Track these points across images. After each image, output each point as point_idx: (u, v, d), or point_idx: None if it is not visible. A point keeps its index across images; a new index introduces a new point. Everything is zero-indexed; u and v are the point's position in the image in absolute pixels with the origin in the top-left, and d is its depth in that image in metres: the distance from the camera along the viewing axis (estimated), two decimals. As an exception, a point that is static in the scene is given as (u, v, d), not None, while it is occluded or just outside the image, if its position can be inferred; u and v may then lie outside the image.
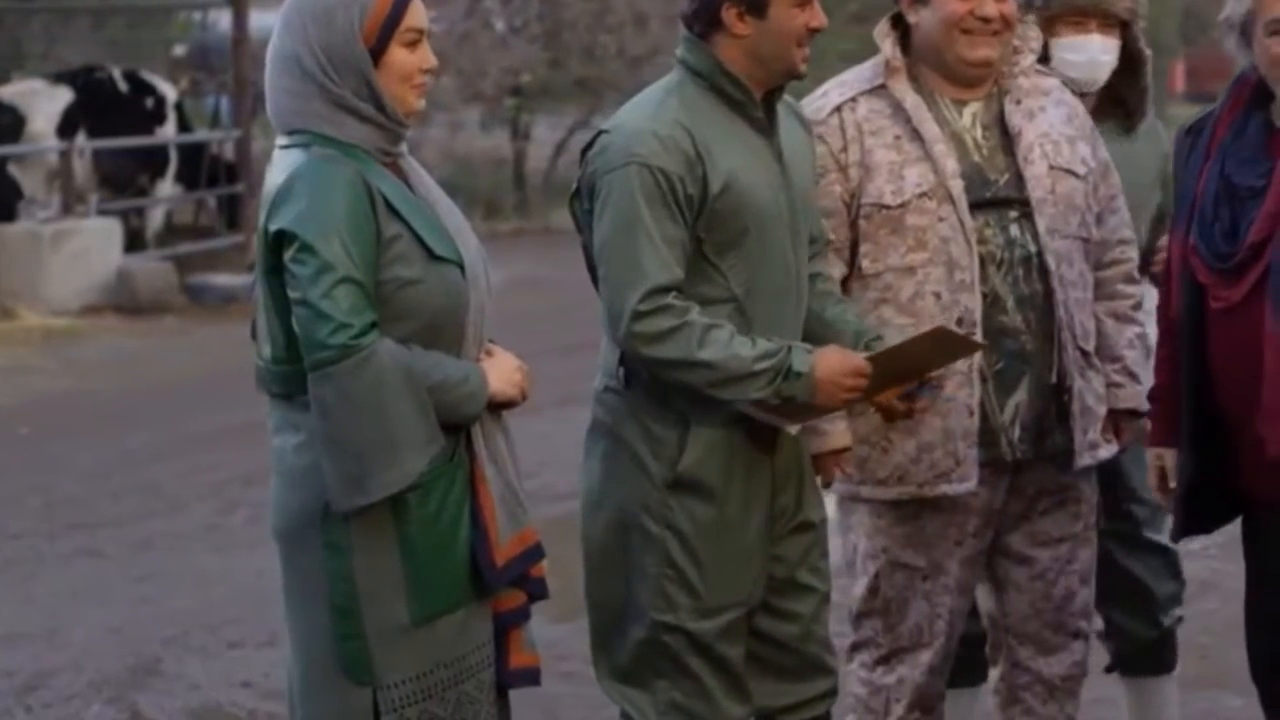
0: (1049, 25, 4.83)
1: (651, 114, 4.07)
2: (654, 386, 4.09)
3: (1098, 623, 4.98)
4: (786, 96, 4.23)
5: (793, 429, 4.16)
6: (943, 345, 4.14)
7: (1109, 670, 5.09)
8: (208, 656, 6.67)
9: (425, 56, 3.70)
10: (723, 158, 4.04)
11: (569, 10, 20.81)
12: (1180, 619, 5.05)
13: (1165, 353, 4.34)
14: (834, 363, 4.03)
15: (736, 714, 4.19)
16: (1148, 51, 4.90)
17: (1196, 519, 4.32)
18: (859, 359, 4.05)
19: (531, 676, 3.83)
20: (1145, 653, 5.02)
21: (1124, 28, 4.85)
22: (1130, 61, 4.87)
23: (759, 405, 4.07)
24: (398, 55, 3.66)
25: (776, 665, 4.24)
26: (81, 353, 13.06)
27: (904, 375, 4.15)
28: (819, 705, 4.28)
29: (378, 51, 3.64)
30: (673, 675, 4.15)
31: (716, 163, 4.03)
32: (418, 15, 3.68)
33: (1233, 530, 4.38)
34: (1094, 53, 4.82)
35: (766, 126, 4.13)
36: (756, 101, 4.12)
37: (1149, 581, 4.96)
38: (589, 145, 4.13)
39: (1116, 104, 4.89)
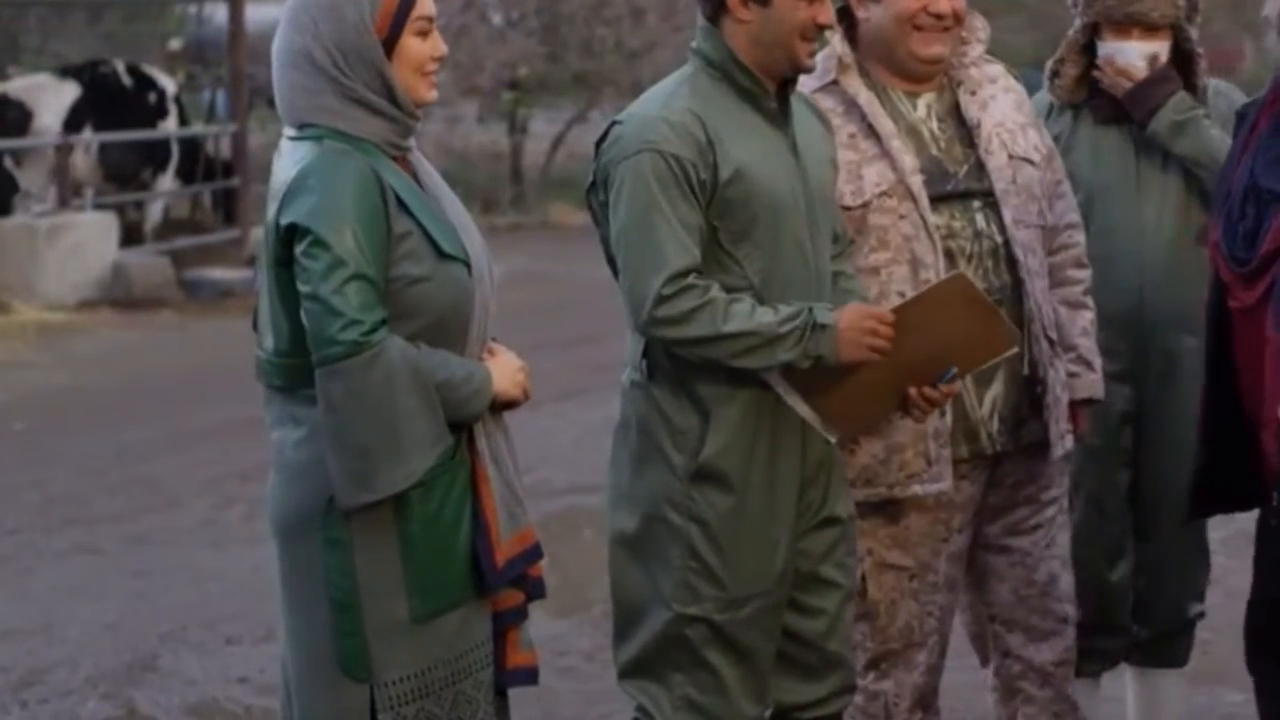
0: (1094, 26, 4.85)
1: (663, 103, 4.08)
2: (675, 378, 4.09)
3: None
4: (800, 90, 4.21)
5: (832, 436, 4.14)
6: (972, 316, 4.07)
7: (1125, 658, 5.07)
8: (204, 652, 6.65)
9: (436, 44, 3.69)
10: (734, 146, 4.03)
11: (566, 4, 20.78)
12: (1202, 614, 5.03)
13: None
14: (855, 312, 4.02)
15: (751, 712, 4.18)
16: (1200, 50, 4.90)
17: (1208, 503, 4.32)
18: (881, 309, 4.05)
19: (529, 676, 3.81)
20: (1162, 642, 5.00)
21: (1174, 29, 4.85)
22: (1182, 60, 4.88)
23: (793, 381, 4.04)
24: (410, 45, 3.65)
25: (799, 662, 4.23)
26: (77, 347, 13.03)
27: (935, 347, 4.09)
28: (835, 703, 4.28)
29: (390, 42, 3.63)
30: (689, 669, 4.14)
31: (727, 151, 4.02)
32: (428, 3, 3.67)
33: (1235, 527, 4.38)
34: (1131, 56, 4.84)
35: (780, 118, 4.12)
36: (769, 92, 4.11)
37: (1185, 568, 4.95)
38: (602, 137, 4.13)
39: None
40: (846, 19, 4.45)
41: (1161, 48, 4.85)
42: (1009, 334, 4.16)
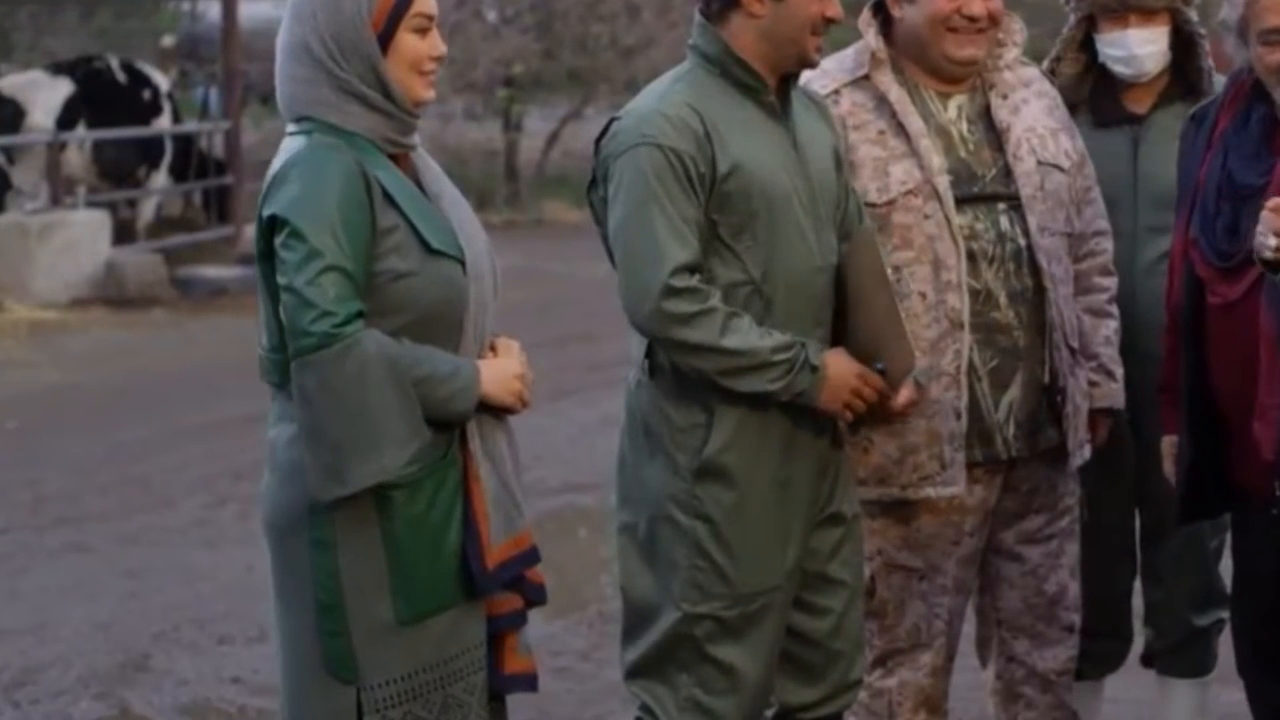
0: (1090, 19, 4.78)
1: (660, 97, 4.07)
2: (677, 376, 4.07)
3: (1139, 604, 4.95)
4: (801, 84, 4.19)
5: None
6: (880, 293, 4.07)
7: (1145, 663, 5.02)
8: (197, 652, 6.63)
9: (435, 43, 3.67)
10: (731, 140, 4.02)
11: (561, 1, 20.77)
12: (1220, 622, 4.89)
13: (1172, 343, 4.32)
14: (847, 367, 4.02)
15: (756, 712, 4.15)
16: (1202, 31, 4.81)
17: (1196, 506, 4.31)
18: (873, 375, 4.03)
19: (529, 683, 3.77)
20: (1172, 652, 4.92)
21: (1172, 13, 4.77)
22: (1183, 43, 4.79)
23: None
24: (407, 42, 3.62)
25: (803, 662, 4.21)
26: (69, 346, 13.00)
27: (864, 328, 4.08)
28: (833, 704, 4.25)
29: (386, 37, 3.60)
30: (696, 669, 4.12)
31: (726, 144, 4.01)
32: (428, 1, 3.64)
33: (1234, 526, 4.36)
34: (1131, 46, 4.76)
35: (779, 112, 4.10)
36: (769, 86, 4.09)
37: (1191, 578, 4.88)
38: (602, 134, 4.12)
39: (1184, 84, 4.81)
40: (882, 15, 4.43)
41: (1161, 34, 4.77)
42: (904, 348, 4.10)
